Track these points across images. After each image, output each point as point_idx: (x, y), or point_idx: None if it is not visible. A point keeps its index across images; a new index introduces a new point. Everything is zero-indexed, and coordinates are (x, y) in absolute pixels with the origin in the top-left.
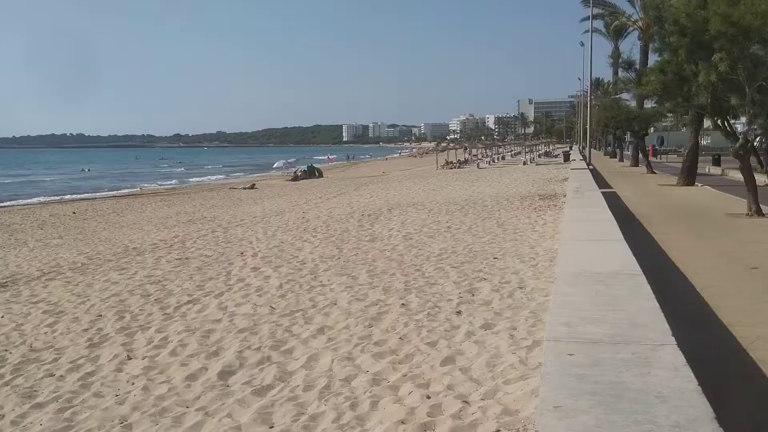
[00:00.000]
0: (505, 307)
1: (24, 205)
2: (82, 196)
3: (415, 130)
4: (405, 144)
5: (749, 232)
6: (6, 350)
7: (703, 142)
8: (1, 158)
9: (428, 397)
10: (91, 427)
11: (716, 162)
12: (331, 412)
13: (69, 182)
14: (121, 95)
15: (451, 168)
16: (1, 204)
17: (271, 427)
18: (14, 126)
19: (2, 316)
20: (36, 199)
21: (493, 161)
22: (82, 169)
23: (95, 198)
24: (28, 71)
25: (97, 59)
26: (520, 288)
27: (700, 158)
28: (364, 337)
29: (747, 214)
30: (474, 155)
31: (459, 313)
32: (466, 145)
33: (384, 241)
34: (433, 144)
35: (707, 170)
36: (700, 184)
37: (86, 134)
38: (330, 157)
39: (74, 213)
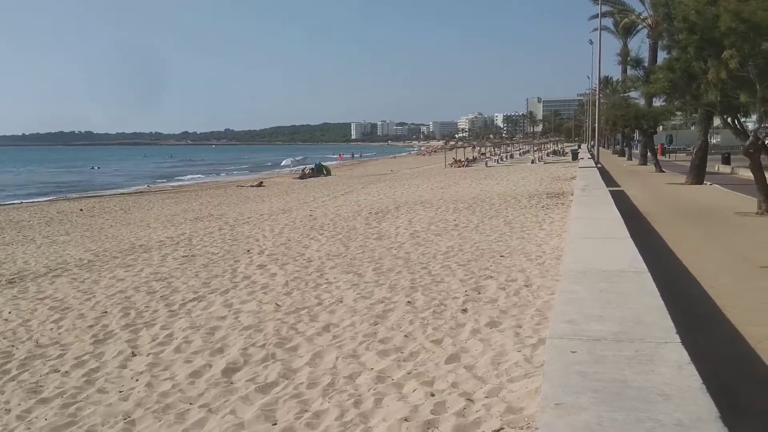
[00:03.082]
0: (511, 305)
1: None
2: (98, 193)
3: (423, 129)
4: (413, 142)
5: (759, 231)
6: (12, 345)
7: (713, 140)
8: (12, 156)
9: (432, 395)
10: (95, 423)
11: (726, 160)
12: (334, 410)
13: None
14: (129, 93)
15: (460, 166)
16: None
17: (275, 424)
18: (21, 124)
19: (9, 312)
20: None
21: (502, 159)
22: (92, 167)
23: (103, 195)
24: (30, 69)
25: (108, 59)
26: (527, 286)
27: (709, 157)
28: (369, 334)
29: (757, 213)
30: (482, 154)
31: (465, 311)
32: (474, 143)
33: (391, 239)
34: (441, 142)
35: (717, 169)
36: (709, 183)
37: (94, 132)
38: (342, 155)
39: (81, 210)
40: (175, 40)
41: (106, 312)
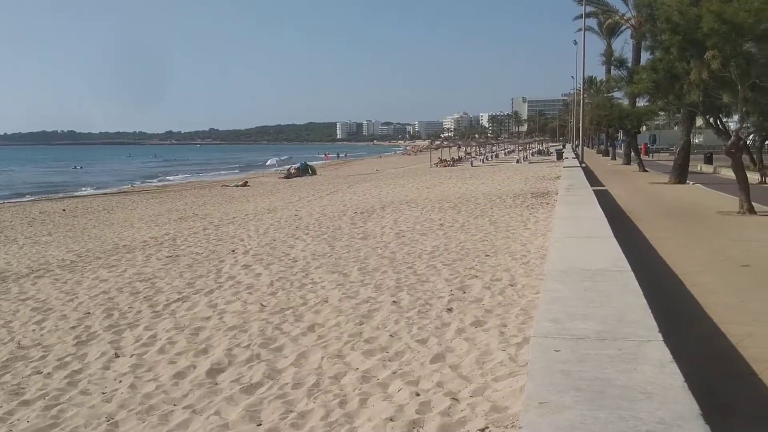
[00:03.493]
0: (496, 304)
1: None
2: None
3: (409, 128)
4: (399, 142)
5: (740, 230)
6: None
7: (696, 140)
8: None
9: (417, 395)
10: (78, 425)
11: (708, 160)
12: (319, 410)
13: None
14: (113, 93)
15: (445, 166)
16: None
17: (259, 424)
18: (3, 124)
19: None
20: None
21: (487, 159)
22: (74, 167)
23: (86, 195)
24: (12, 69)
25: (91, 58)
26: (511, 285)
27: (692, 156)
28: (354, 334)
29: (739, 212)
30: (468, 153)
31: (450, 310)
32: (459, 143)
33: (376, 239)
34: (427, 142)
35: (699, 168)
36: (691, 182)
37: (77, 131)
38: (327, 154)
39: (64, 210)
40: (160, 39)
41: (89, 313)
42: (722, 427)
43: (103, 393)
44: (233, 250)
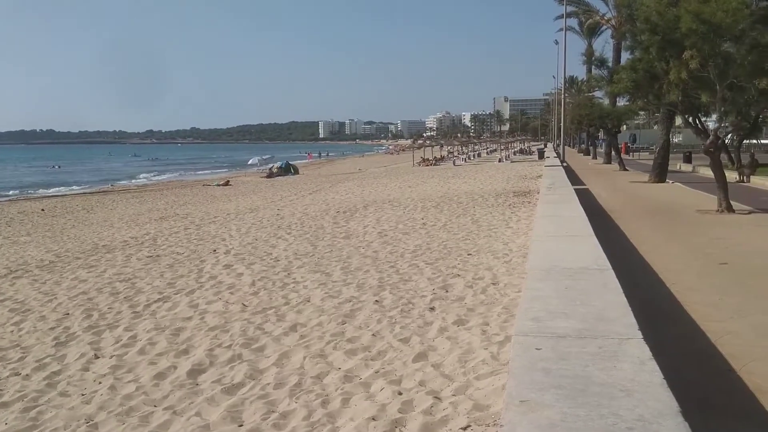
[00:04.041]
0: (478, 303)
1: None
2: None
3: (391, 127)
4: (382, 141)
5: (719, 229)
6: None
7: (675, 139)
8: None
9: (400, 394)
10: (57, 427)
11: (687, 159)
12: (301, 410)
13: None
14: (93, 91)
15: (428, 165)
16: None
17: (241, 425)
18: None
19: None
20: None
21: (469, 158)
22: (53, 166)
23: (65, 195)
24: None
25: (71, 56)
26: (494, 284)
27: (671, 155)
28: (336, 334)
29: (717, 211)
30: (450, 152)
31: (432, 309)
32: (442, 142)
33: (359, 238)
34: (409, 141)
35: (678, 167)
36: (671, 181)
37: (56, 130)
38: (311, 153)
39: (43, 210)
40: (143, 39)
41: (68, 314)
42: (700, 423)
43: (83, 394)
44: (214, 250)
